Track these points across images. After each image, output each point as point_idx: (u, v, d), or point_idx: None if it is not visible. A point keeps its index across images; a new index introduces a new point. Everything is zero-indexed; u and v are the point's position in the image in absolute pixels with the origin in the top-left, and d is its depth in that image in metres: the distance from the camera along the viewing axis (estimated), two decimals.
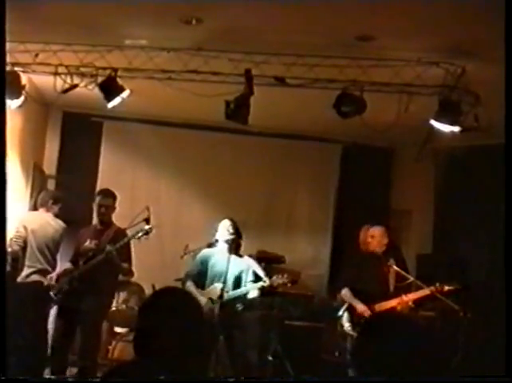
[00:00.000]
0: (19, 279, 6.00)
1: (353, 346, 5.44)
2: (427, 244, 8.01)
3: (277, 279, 5.58)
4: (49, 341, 5.93)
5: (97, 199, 5.97)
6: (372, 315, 5.45)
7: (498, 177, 4.04)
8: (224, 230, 5.74)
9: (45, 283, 5.93)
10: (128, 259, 5.84)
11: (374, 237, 5.91)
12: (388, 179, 8.39)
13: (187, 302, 2.38)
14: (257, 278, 5.69)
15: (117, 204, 5.98)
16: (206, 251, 5.95)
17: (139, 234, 5.62)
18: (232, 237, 5.70)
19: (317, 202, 8.28)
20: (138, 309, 6.10)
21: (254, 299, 5.79)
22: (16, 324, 5.16)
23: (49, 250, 6.22)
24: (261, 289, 5.61)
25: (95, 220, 6.21)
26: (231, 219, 5.81)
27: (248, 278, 5.71)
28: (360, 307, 5.63)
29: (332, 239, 8.20)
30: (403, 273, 5.75)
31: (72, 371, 5.89)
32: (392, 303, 5.58)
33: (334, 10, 4.48)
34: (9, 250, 5.96)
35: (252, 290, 5.64)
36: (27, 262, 6.09)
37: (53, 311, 6.13)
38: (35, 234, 6.15)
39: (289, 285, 5.70)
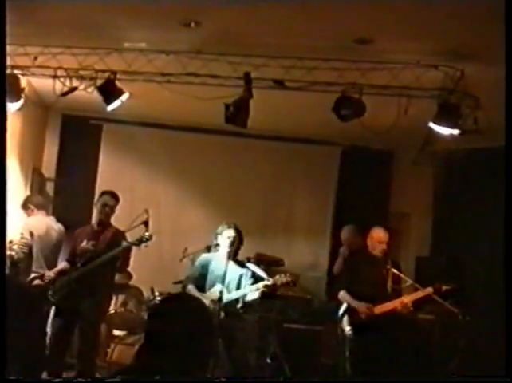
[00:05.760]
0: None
1: (353, 348, 5.44)
2: (426, 247, 8.00)
3: (281, 278, 5.55)
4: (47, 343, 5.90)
5: (103, 198, 5.93)
6: (372, 317, 5.45)
7: (498, 180, 4.05)
8: (227, 240, 5.67)
9: (42, 284, 5.90)
10: (127, 264, 5.87)
11: (381, 239, 5.84)
12: (387, 182, 8.39)
13: (197, 307, 2.42)
14: (256, 281, 5.67)
15: (117, 208, 5.94)
16: (206, 255, 6.00)
17: (139, 242, 5.59)
18: (234, 248, 5.68)
19: (315, 204, 8.28)
20: (148, 314, 6.13)
21: (253, 301, 5.77)
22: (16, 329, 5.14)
23: (53, 255, 6.25)
24: (264, 288, 5.56)
25: (94, 221, 6.17)
26: (236, 229, 5.72)
27: (248, 280, 5.69)
28: (361, 307, 5.60)
29: (330, 242, 8.19)
30: (402, 276, 5.75)
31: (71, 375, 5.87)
32: (392, 305, 5.56)
33: (333, 13, 4.48)
34: (15, 257, 5.96)
35: (253, 292, 5.61)
36: (33, 268, 6.10)
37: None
38: (42, 240, 6.18)
39: (291, 285, 5.68)
